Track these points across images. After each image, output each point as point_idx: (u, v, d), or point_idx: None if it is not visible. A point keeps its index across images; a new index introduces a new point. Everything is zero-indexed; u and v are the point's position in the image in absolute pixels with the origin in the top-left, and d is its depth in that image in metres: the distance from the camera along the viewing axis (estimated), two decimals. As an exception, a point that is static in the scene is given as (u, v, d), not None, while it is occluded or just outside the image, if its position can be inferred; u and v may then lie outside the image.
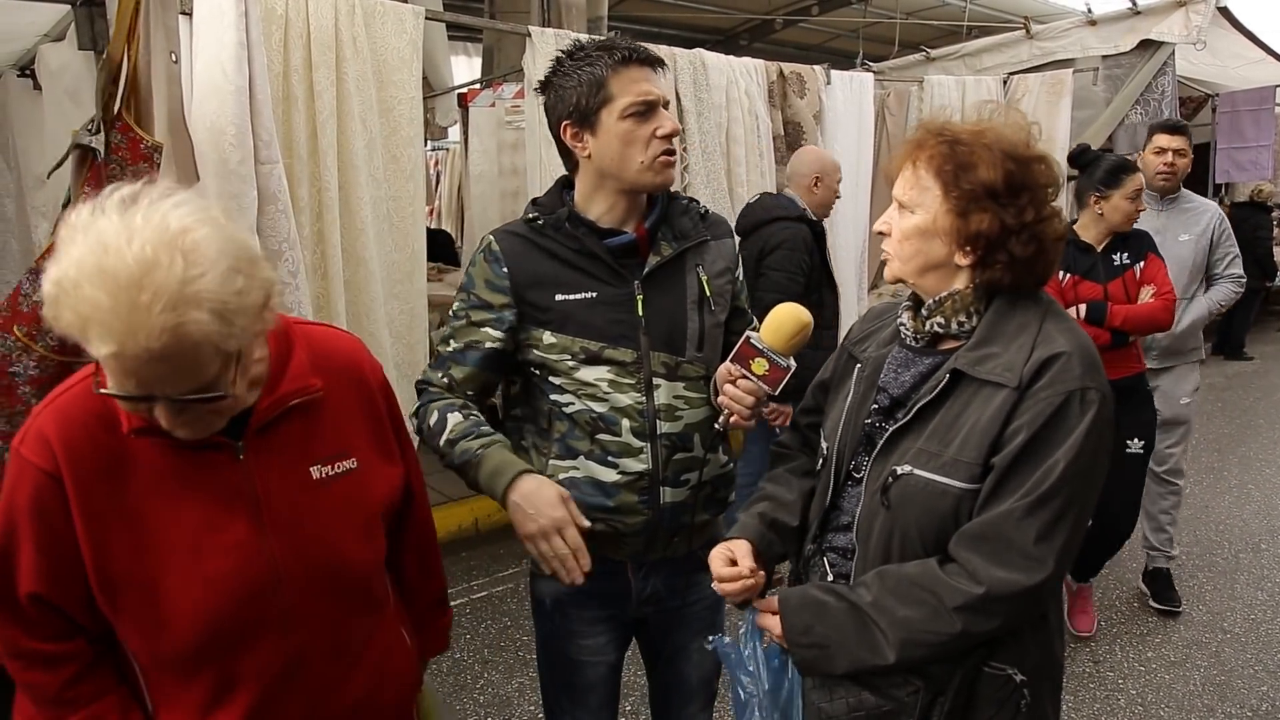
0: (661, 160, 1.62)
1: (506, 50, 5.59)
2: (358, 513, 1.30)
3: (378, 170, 3.30)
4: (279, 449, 1.22)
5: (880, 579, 1.29)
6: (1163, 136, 3.69)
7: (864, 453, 1.40)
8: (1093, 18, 6.58)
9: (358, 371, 1.37)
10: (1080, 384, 1.23)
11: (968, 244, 1.30)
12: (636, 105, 1.59)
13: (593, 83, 1.59)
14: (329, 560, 1.24)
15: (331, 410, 1.28)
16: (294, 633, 1.21)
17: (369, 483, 1.31)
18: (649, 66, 1.62)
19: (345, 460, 1.27)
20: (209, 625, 1.15)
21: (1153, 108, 6.33)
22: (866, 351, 1.49)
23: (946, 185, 1.30)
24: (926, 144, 1.34)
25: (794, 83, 4.83)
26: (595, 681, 1.84)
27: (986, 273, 1.32)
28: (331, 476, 1.25)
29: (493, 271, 1.68)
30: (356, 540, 1.30)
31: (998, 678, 1.29)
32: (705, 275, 1.72)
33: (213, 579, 1.15)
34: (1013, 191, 1.28)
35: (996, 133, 1.31)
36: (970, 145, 1.30)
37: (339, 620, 1.28)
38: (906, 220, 1.34)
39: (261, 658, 1.20)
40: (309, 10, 3.05)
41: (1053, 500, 1.21)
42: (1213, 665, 3.32)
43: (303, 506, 1.22)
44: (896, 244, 1.36)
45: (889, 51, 7.62)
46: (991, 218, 1.28)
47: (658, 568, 1.77)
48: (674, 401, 1.67)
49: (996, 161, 1.28)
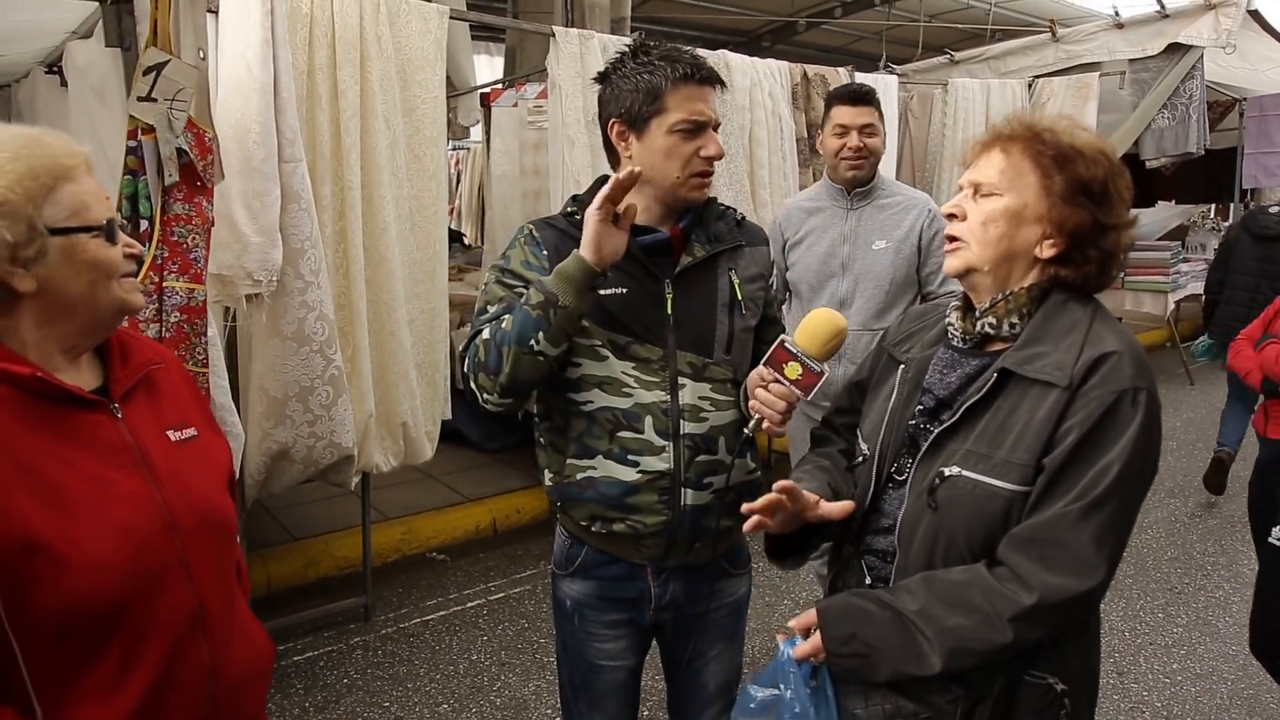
0: (698, 179, 1.64)
1: (529, 50, 5.59)
2: (215, 472, 1.37)
3: (400, 170, 3.30)
4: (141, 414, 1.28)
5: (926, 585, 1.26)
6: (842, 109, 2.90)
7: (907, 454, 1.38)
8: (1120, 21, 6.51)
9: (170, 356, 1.46)
10: (1132, 384, 1.22)
11: (1058, 233, 1.30)
12: (687, 124, 1.60)
13: (650, 91, 1.60)
14: (208, 508, 1.30)
15: (168, 385, 1.36)
16: (193, 576, 1.25)
17: (211, 451, 1.39)
18: (709, 85, 1.63)
19: (189, 429, 1.34)
20: (125, 570, 1.16)
21: (1180, 112, 6.25)
22: (910, 352, 1.47)
23: (1046, 171, 1.30)
24: (1021, 134, 1.34)
25: (818, 85, 4.81)
26: (613, 686, 1.83)
27: (1063, 269, 1.31)
28: (184, 441, 1.32)
29: (531, 253, 1.69)
30: (223, 495, 1.37)
31: (1038, 686, 1.27)
32: (738, 279, 1.72)
33: (120, 525, 1.18)
34: (1104, 192, 1.30)
35: (1091, 135, 1.34)
36: (1070, 140, 1.31)
37: (224, 569, 1.34)
38: (993, 203, 1.32)
39: (170, 601, 1.22)
40: (334, 9, 3.05)
41: (1107, 504, 1.19)
42: (1240, 678, 3.27)
43: (176, 461, 1.28)
44: (978, 226, 1.33)
45: (912, 54, 7.58)
46: (1086, 212, 1.29)
47: (677, 574, 1.75)
48: (699, 402, 1.65)
49: (1097, 159, 1.30)
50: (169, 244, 2.38)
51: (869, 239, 2.89)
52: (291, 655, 3.38)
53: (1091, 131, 1.36)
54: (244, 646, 1.36)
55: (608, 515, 1.67)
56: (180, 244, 2.39)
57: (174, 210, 2.39)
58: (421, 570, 4.21)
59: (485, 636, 3.59)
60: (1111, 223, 1.30)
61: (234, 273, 2.73)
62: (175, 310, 2.38)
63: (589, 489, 1.66)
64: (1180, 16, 6.25)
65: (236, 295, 2.78)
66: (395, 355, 3.32)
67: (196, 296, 2.41)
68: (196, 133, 2.42)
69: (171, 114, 2.32)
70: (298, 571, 3.96)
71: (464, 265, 7.38)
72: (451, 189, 10.55)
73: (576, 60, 3.81)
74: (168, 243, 2.38)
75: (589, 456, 1.67)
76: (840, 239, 2.93)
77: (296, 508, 4.46)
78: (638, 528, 1.66)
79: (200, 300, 2.42)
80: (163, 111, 2.32)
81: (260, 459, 2.98)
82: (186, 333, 2.40)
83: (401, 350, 3.32)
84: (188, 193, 2.40)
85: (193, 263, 2.41)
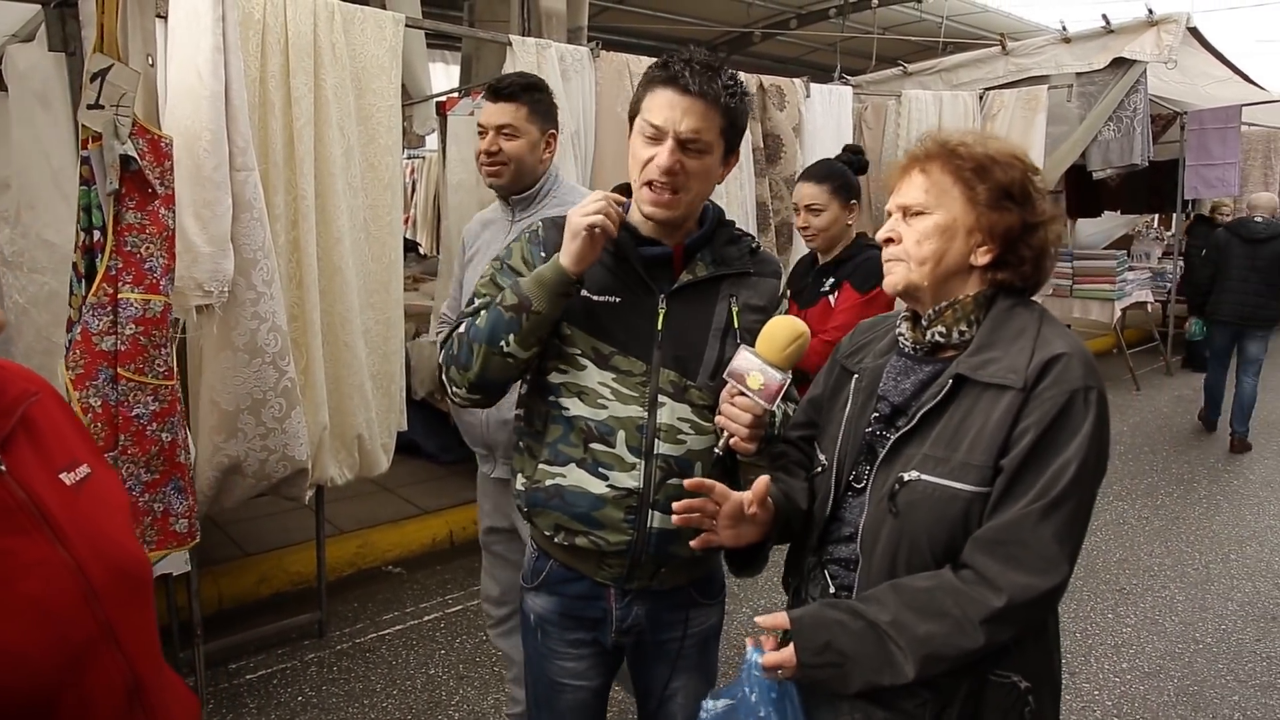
0: (647, 192, 1.56)
1: (485, 59, 5.56)
2: (119, 514, 1.20)
3: (355, 179, 3.26)
4: (27, 461, 1.09)
5: (896, 593, 1.28)
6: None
7: (865, 462, 1.40)
8: (1067, 35, 6.68)
9: (42, 382, 1.24)
10: (1083, 383, 1.25)
11: (989, 240, 1.34)
12: (647, 126, 1.54)
13: (640, 89, 1.58)
14: (123, 559, 1.13)
15: (47, 419, 1.16)
16: (122, 645, 1.09)
17: (110, 489, 1.22)
18: (694, 97, 1.51)
19: (80, 466, 1.15)
20: (46, 654, 1.00)
21: (1125, 125, 6.42)
22: (862, 362, 1.49)
23: (968, 184, 1.34)
24: (936, 153, 1.38)
25: (773, 95, 4.85)
26: (575, 705, 1.80)
27: (1000, 273, 1.36)
28: (79, 482, 1.13)
29: (531, 251, 1.66)
30: (133, 540, 1.19)
31: (1003, 685, 1.30)
32: (737, 307, 1.66)
33: (31, 601, 1.00)
34: (1024, 193, 1.35)
35: (1002, 143, 1.39)
36: (985, 150, 1.36)
37: (149, 629, 1.19)
38: (923, 221, 1.36)
39: (102, 678, 1.07)
40: (287, 16, 3.01)
41: (1067, 501, 1.23)
42: (1186, 675, 3.35)
43: (77, 509, 1.10)
44: (914, 246, 1.37)
45: (866, 66, 7.68)
46: (1011, 215, 1.34)
47: (641, 597, 1.71)
48: (677, 423, 1.61)
49: (1012, 164, 1.35)
50: (122, 254, 2.32)
51: None
52: (244, 674, 3.31)
53: (999, 139, 1.41)
54: (178, 710, 1.23)
55: (571, 527, 1.64)
56: (134, 254, 2.33)
57: (126, 220, 2.33)
58: (377, 584, 4.15)
59: (443, 650, 3.55)
60: (1037, 220, 1.35)
61: (184, 283, 2.67)
62: (130, 322, 2.32)
63: (555, 497, 1.63)
64: (1124, 32, 6.43)
65: (186, 306, 2.72)
66: (350, 367, 3.27)
67: (153, 307, 2.35)
68: (151, 138, 2.36)
69: (117, 120, 2.27)
70: (250, 588, 3.88)
71: (419, 275, 7.30)
72: (406, 198, 10.45)
73: (533, 69, 3.80)
74: (121, 253, 2.32)
75: (561, 464, 1.63)
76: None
77: (248, 522, 4.37)
78: (600, 544, 1.63)
79: (158, 311, 2.36)
80: (109, 118, 2.26)
81: (211, 473, 2.92)
82: (144, 345, 2.33)
83: (356, 361, 3.28)
84: (140, 201, 2.34)
85: (148, 273, 2.35)
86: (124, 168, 2.29)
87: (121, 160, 2.28)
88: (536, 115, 2.43)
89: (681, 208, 1.59)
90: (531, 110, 2.42)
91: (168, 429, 2.38)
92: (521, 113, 2.41)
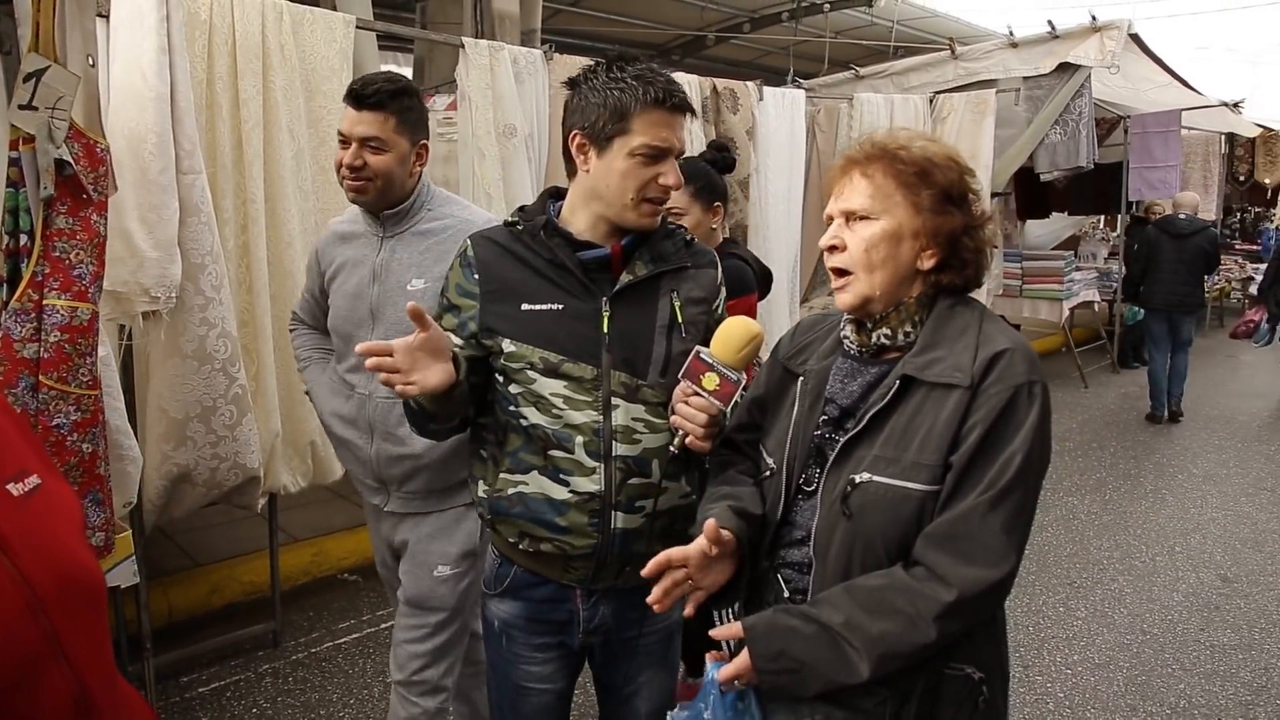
0: (650, 206, 1.61)
1: (438, 61, 5.52)
2: (70, 525, 1.16)
3: (305, 182, 3.22)
4: None
5: (849, 594, 1.28)
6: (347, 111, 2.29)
7: (814, 465, 1.40)
8: (1014, 40, 6.83)
9: None
10: (1026, 378, 1.28)
11: (933, 244, 1.36)
12: (650, 149, 1.57)
13: (618, 110, 1.56)
14: (73, 570, 1.10)
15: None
16: (69, 658, 1.06)
17: (61, 500, 1.17)
18: (679, 113, 1.60)
19: (30, 476, 1.11)
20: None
21: (1071, 128, 6.57)
22: (806, 364, 1.49)
23: (912, 188, 1.35)
24: (878, 156, 1.38)
25: (727, 98, 4.88)
26: (540, 709, 1.80)
27: (944, 275, 1.37)
28: (28, 493, 1.09)
29: (464, 276, 1.67)
30: (85, 550, 1.16)
31: (958, 677, 1.31)
32: (679, 301, 1.68)
33: None
34: (963, 194, 1.37)
35: (938, 145, 1.40)
36: (924, 153, 1.37)
37: (100, 641, 1.16)
38: (869, 227, 1.36)
39: (47, 695, 1.05)
40: (234, 16, 2.97)
41: (1014, 492, 1.24)
42: (1134, 666, 3.43)
43: (25, 520, 1.06)
44: (861, 254, 1.37)
45: (819, 69, 7.77)
46: (954, 218, 1.36)
47: (607, 597, 1.72)
48: (632, 424, 1.62)
49: (950, 166, 1.37)
50: (50, 260, 2.25)
51: (402, 277, 2.12)
52: (196, 686, 3.24)
53: (935, 141, 1.43)
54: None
55: (536, 534, 1.64)
56: (63, 260, 2.26)
57: (56, 225, 2.26)
58: (333, 592, 4.09)
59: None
60: (976, 222, 1.38)
61: (129, 289, 2.62)
62: (55, 329, 2.25)
63: (518, 504, 1.64)
64: (1069, 37, 6.58)
65: (132, 313, 2.66)
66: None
67: (80, 315, 2.28)
68: (86, 143, 2.30)
69: (52, 123, 2.20)
70: (201, 599, 3.80)
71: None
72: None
73: (486, 72, 3.79)
74: (49, 259, 2.25)
75: (523, 471, 1.64)
76: (370, 277, 2.15)
77: (199, 532, 4.29)
78: (566, 549, 1.64)
79: (85, 319, 2.29)
80: (43, 120, 2.20)
81: (159, 482, 2.86)
82: (68, 353, 2.27)
83: (309, 367, 3.24)
84: (72, 206, 2.27)
85: (76, 280, 2.28)
86: (59, 172, 2.23)
87: (56, 164, 2.22)
88: (406, 126, 2.11)
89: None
90: (400, 120, 2.10)
91: (89, 440, 2.31)
92: (390, 124, 2.08)
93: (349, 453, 2.28)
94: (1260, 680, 3.32)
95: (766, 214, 5.10)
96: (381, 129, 2.07)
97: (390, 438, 2.14)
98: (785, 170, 5.28)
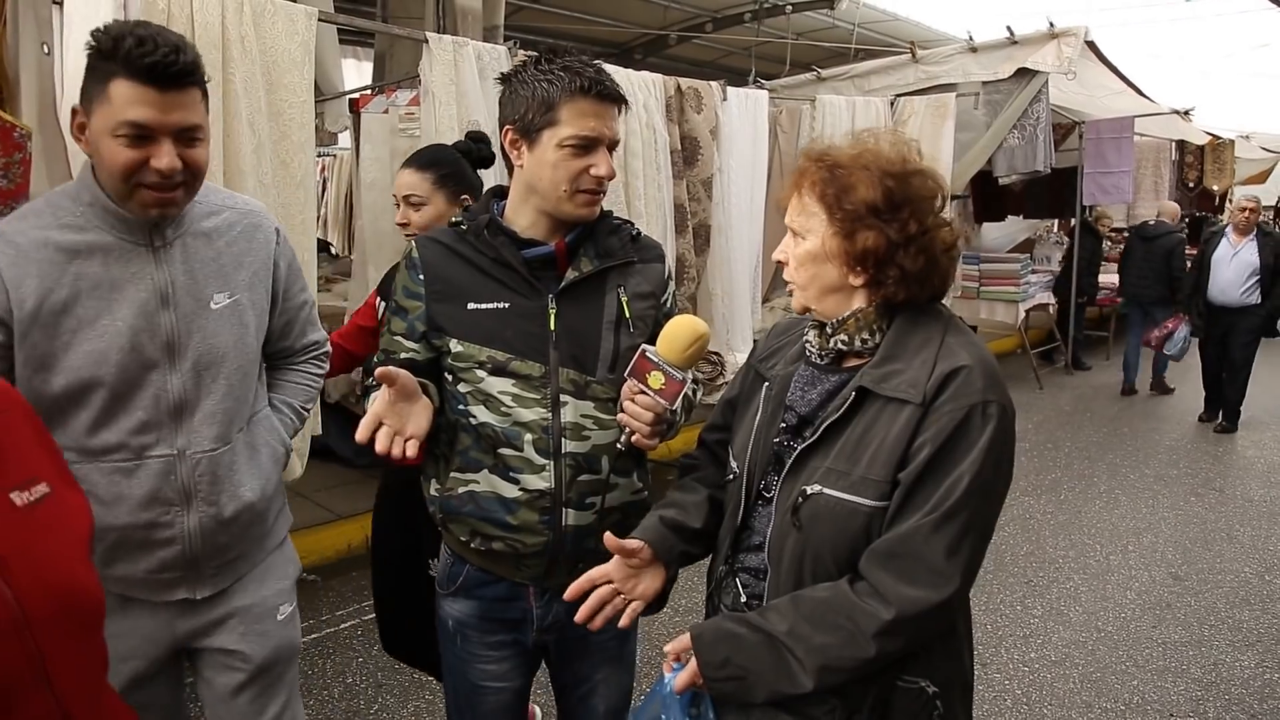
0: (585, 196, 1.59)
1: (399, 56, 5.47)
2: (74, 539, 1.11)
3: (266, 176, 3.15)
4: None
5: (794, 605, 1.28)
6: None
7: (773, 472, 1.39)
8: (974, 45, 6.92)
9: (15, 398, 1.16)
10: (982, 397, 1.24)
11: (857, 264, 1.31)
12: (577, 139, 1.54)
13: (545, 101, 1.54)
14: (69, 589, 1.05)
15: (7, 433, 1.09)
16: (54, 683, 1.01)
17: (68, 512, 1.13)
18: (609, 103, 1.57)
19: (38, 485, 1.08)
20: None
21: (1029, 132, 6.68)
22: (774, 369, 1.48)
23: (830, 209, 1.31)
24: (809, 171, 1.35)
25: (691, 98, 4.88)
26: (497, 708, 1.79)
27: (881, 290, 1.33)
28: (33, 503, 1.06)
29: (410, 278, 1.65)
30: (85, 568, 1.10)
31: (911, 691, 1.31)
32: (626, 296, 1.67)
33: None
34: (893, 207, 1.29)
35: (874, 153, 1.34)
36: (848, 168, 1.32)
37: (90, 665, 1.11)
38: (800, 246, 1.36)
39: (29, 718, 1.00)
40: (194, 7, 2.89)
41: (959, 514, 1.22)
42: (1090, 663, 3.49)
43: (25, 532, 1.03)
44: (794, 270, 1.37)
45: (780, 70, 7.82)
46: (877, 235, 1.28)
47: (560, 594, 1.69)
48: (581, 420, 1.62)
49: (874, 180, 1.29)
50: None
51: (201, 294, 1.63)
52: (149, 691, 3.17)
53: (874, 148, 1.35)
54: None
55: (487, 532, 1.64)
56: None
57: None
58: (291, 594, 4.03)
59: (360, 658, 3.46)
60: (909, 235, 1.29)
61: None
62: None
63: (469, 503, 1.63)
64: (1027, 43, 6.69)
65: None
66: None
67: None
68: (2, 126, 2.15)
69: None
70: (155, 601, 3.71)
71: (332, 275, 7.14)
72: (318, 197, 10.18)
73: (450, 68, 3.75)
74: None
75: (473, 470, 1.64)
76: (157, 301, 1.59)
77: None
78: (518, 547, 1.63)
79: None
80: None
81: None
82: None
83: (268, 365, 3.17)
84: None
85: None
86: None
87: None
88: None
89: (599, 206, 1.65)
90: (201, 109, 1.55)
91: None
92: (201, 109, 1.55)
93: (133, 553, 1.63)
94: (1210, 676, 3.40)
95: (729, 214, 5.11)
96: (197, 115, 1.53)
97: (212, 499, 1.66)
98: (748, 170, 5.29)
